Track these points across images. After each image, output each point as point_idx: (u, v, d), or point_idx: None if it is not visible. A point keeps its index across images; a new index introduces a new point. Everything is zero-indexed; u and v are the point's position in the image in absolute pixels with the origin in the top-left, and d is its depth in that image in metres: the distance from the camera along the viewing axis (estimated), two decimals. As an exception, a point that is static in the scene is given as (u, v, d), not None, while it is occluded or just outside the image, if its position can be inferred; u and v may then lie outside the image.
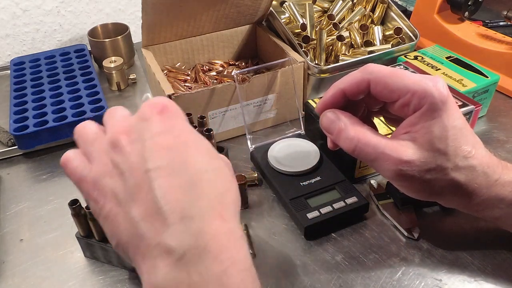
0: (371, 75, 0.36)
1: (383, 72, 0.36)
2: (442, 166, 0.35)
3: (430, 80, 0.35)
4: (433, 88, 0.34)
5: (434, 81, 0.35)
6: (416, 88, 0.35)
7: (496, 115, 0.67)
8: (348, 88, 0.38)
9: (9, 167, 0.63)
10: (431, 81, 0.35)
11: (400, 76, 0.36)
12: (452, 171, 0.35)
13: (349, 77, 0.38)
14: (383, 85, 0.36)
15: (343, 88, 0.38)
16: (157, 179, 0.27)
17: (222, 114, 0.62)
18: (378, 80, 0.36)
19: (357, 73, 0.37)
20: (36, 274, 0.47)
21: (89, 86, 0.73)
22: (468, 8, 0.79)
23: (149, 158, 0.27)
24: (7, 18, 0.89)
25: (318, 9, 0.78)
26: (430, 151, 0.35)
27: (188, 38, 0.72)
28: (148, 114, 0.29)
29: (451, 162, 0.35)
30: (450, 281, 0.43)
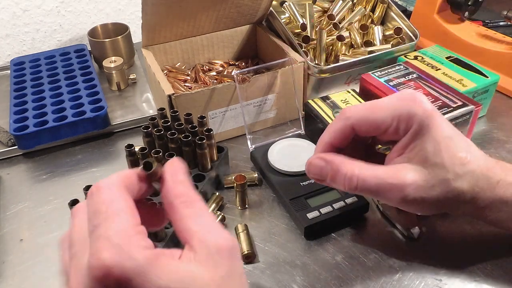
0: (350, 120, 0.37)
1: (361, 112, 0.36)
2: (443, 178, 0.35)
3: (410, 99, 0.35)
4: (416, 107, 0.35)
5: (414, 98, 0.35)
6: (399, 113, 0.35)
7: (496, 115, 0.67)
8: (335, 140, 0.38)
9: (9, 167, 0.63)
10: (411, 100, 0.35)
11: (379, 108, 0.36)
12: (454, 181, 0.36)
13: (331, 128, 0.38)
14: (367, 124, 0.36)
15: (329, 141, 0.38)
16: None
17: (222, 114, 0.62)
18: (359, 122, 0.36)
19: (337, 123, 0.38)
20: (36, 274, 0.47)
21: (89, 86, 0.73)
22: (468, 8, 0.79)
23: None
24: (7, 18, 0.89)
25: (318, 9, 0.78)
26: (429, 167, 0.35)
27: (188, 38, 0.72)
28: None
29: (450, 173, 0.35)
30: (450, 281, 0.43)
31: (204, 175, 0.52)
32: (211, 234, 0.26)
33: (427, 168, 0.35)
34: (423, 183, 0.35)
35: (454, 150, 0.36)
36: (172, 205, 0.27)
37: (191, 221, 0.26)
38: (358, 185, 0.36)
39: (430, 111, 0.35)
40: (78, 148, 0.65)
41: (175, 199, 0.27)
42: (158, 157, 0.49)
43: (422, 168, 0.35)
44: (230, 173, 0.57)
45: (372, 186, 0.35)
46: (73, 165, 0.62)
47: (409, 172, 0.35)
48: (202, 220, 0.26)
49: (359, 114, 0.36)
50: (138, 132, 0.68)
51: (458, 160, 0.36)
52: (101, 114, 0.65)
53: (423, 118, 0.35)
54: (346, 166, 0.36)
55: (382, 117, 0.36)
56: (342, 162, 0.36)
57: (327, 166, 0.37)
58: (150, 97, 0.75)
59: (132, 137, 0.67)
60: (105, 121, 0.66)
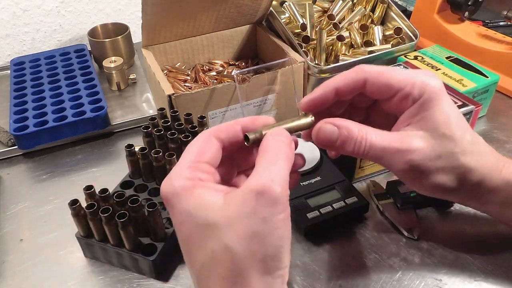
0: (365, 73, 0.36)
1: (378, 70, 0.36)
2: (451, 151, 0.35)
3: (425, 73, 0.36)
4: (430, 80, 0.35)
5: (429, 74, 0.36)
6: (414, 80, 0.35)
7: (496, 115, 0.67)
8: (343, 87, 0.37)
9: (9, 167, 0.63)
10: (426, 74, 0.36)
11: (395, 71, 0.36)
12: (461, 156, 0.35)
13: (342, 76, 0.37)
14: (382, 82, 0.36)
15: (336, 86, 0.37)
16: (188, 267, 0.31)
17: (222, 114, 0.62)
18: (375, 78, 0.36)
19: (350, 73, 0.37)
20: (36, 274, 0.47)
21: (89, 86, 0.73)
22: (468, 8, 0.79)
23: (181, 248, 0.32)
24: (7, 18, 0.89)
25: (318, 9, 0.78)
26: (437, 137, 0.35)
27: (188, 38, 0.72)
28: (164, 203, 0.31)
29: (458, 146, 0.35)
30: (450, 281, 0.43)
31: (204, 175, 0.52)
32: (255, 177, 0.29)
33: (435, 138, 0.35)
34: (429, 152, 0.35)
35: (463, 127, 0.36)
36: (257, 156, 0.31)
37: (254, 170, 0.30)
38: (366, 149, 0.35)
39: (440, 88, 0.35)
40: (78, 148, 0.65)
41: (262, 148, 0.31)
42: (158, 157, 0.49)
43: (430, 137, 0.35)
44: (230, 173, 0.57)
45: (379, 150, 0.35)
46: (73, 165, 0.62)
47: (415, 138, 0.35)
48: (267, 166, 0.29)
49: (375, 70, 0.36)
50: (138, 132, 0.68)
51: (466, 137, 0.36)
52: (101, 114, 0.65)
53: (436, 90, 0.35)
54: (356, 130, 0.35)
55: (398, 78, 0.35)
56: (352, 126, 0.36)
57: (338, 131, 0.36)
58: (150, 97, 0.75)
59: (132, 137, 0.67)
60: (105, 121, 0.66)
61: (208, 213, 0.28)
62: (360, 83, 0.36)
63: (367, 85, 0.36)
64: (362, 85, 0.36)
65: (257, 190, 0.28)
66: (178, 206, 0.29)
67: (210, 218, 0.28)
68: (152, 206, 0.43)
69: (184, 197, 0.29)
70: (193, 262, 0.30)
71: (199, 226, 0.29)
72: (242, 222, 0.28)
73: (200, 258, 0.29)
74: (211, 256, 0.28)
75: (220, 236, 0.28)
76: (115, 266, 0.47)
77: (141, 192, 0.51)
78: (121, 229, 0.43)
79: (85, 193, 0.44)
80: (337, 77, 0.37)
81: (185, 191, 0.29)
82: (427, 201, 0.50)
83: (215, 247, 0.28)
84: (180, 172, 0.30)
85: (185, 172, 0.30)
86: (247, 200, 0.28)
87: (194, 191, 0.29)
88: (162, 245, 0.45)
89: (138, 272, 0.46)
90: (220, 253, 0.28)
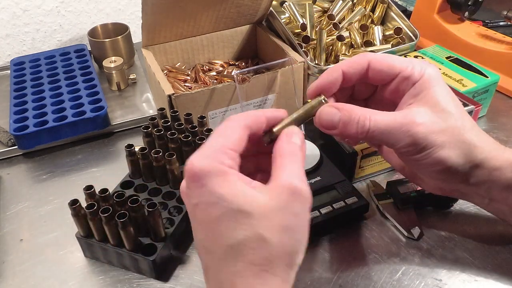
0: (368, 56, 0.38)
1: (381, 55, 0.38)
2: (454, 125, 0.36)
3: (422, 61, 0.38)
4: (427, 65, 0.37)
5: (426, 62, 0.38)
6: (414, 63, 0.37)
7: (496, 115, 0.67)
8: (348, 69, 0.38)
9: (9, 167, 0.63)
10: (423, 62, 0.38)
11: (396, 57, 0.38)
12: (464, 131, 0.36)
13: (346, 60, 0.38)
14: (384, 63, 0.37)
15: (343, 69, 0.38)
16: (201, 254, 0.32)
17: (222, 114, 0.62)
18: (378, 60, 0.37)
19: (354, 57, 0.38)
20: (36, 274, 0.47)
21: (89, 86, 0.73)
22: (468, 8, 0.79)
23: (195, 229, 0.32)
24: (7, 18, 0.89)
25: (318, 9, 0.78)
26: (439, 112, 0.36)
27: (188, 38, 0.72)
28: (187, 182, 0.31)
29: (459, 121, 0.36)
30: (450, 281, 0.43)
31: (204, 175, 0.52)
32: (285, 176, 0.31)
33: (437, 112, 0.36)
34: (433, 125, 0.35)
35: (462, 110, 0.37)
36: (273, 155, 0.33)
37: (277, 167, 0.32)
38: (370, 128, 0.36)
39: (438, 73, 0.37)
40: (78, 148, 0.65)
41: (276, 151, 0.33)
42: (158, 157, 0.49)
43: (432, 112, 0.36)
44: (230, 173, 0.57)
45: (383, 127, 0.36)
46: (73, 165, 0.62)
47: (419, 113, 0.36)
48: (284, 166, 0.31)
49: (378, 55, 0.38)
50: (138, 132, 0.68)
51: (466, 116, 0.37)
52: (101, 114, 0.65)
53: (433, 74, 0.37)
54: (357, 111, 0.36)
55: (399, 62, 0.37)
56: (354, 108, 0.37)
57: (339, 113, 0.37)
58: (150, 97, 0.75)
59: (132, 137, 0.67)
60: (105, 121, 0.66)
61: (242, 200, 0.29)
62: (364, 66, 0.38)
63: (370, 68, 0.38)
64: (366, 68, 0.38)
65: (292, 188, 0.30)
66: (210, 186, 0.30)
67: (244, 206, 0.29)
68: (152, 206, 0.43)
69: (217, 179, 0.30)
70: (218, 243, 0.30)
71: (233, 211, 0.29)
72: (277, 215, 0.30)
73: (227, 241, 0.30)
74: (242, 241, 0.29)
75: (253, 224, 0.29)
76: (115, 266, 0.47)
77: (141, 192, 0.51)
78: (121, 229, 0.43)
79: (85, 193, 0.44)
80: (342, 62, 0.39)
81: (218, 174, 0.30)
82: (427, 201, 0.50)
83: (248, 234, 0.29)
84: (214, 154, 0.30)
85: (219, 155, 0.30)
86: (281, 195, 0.30)
87: (227, 177, 0.30)
88: (162, 245, 0.45)
89: (138, 272, 0.46)
90: (253, 241, 0.29)
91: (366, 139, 0.37)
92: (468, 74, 0.62)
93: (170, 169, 0.49)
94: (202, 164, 0.30)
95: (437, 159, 0.36)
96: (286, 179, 0.30)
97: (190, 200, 0.31)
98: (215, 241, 0.30)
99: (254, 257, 0.29)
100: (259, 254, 0.29)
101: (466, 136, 0.36)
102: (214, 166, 0.30)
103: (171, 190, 0.51)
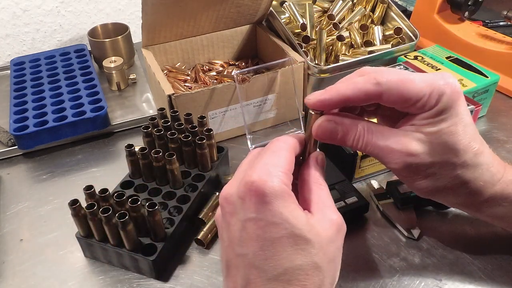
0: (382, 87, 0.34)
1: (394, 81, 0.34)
2: (449, 161, 0.35)
3: (442, 78, 0.34)
4: (446, 87, 0.34)
5: (446, 78, 0.34)
6: (430, 90, 0.34)
7: (496, 115, 0.67)
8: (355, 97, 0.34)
9: (9, 167, 0.63)
10: (443, 79, 0.34)
11: (412, 81, 0.34)
12: (459, 167, 0.35)
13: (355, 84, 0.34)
14: (398, 96, 0.34)
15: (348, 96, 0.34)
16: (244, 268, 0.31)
17: (222, 114, 0.62)
18: (391, 91, 0.34)
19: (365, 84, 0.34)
20: (36, 274, 0.47)
21: (89, 86, 0.73)
22: (468, 8, 0.79)
23: (242, 242, 0.31)
24: (7, 18, 0.89)
25: (318, 9, 0.78)
26: (438, 144, 0.34)
27: (188, 38, 0.72)
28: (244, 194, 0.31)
29: (458, 157, 0.35)
30: (450, 281, 0.43)
31: (204, 175, 0.52)
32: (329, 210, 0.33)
33: (436, 144, 0.34)
34: (427, 157, 0.35)
35: (470, 138, 0.35)
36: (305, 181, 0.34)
37: (316, 196, 0.33)
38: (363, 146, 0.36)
39: (458, 93, 0.34)
40: (78, 148, 0.65)
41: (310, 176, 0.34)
42: (158, 157, 0.49)
43: (431, 144, 0.34)
44: (230, 173, 0.57)
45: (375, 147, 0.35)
46: (73, 165, 0.62)
47: (415, 141, 0.35)
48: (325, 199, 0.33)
49: (392, 83, 0.34)
50: (138, 132, 0.68)
51: (470, 149, 0.35)
52: (101, 114, 0.65)
53: (451, 99, 0.34)
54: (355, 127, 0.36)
55: (414, 91, 0.34)
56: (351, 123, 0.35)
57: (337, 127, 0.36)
58: (150, 97, 0.75)
59: (132, 137, 0.67)
60: (105, 121, 0.66)
61: (304, 227, 0.30)
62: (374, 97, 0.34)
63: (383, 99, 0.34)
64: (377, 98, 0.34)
65: (338, 224, 0.32)
66: (275, 206, 0.30)
67: (306, 233, 0.30)
68: (152, 206, 0.43)
69: (283, 201, 0.30)
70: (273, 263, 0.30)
71: (294, 235, 0.30)
72: (329, 247, 0.31)
73: (284, 263, 0.30)
74: (299, 267, 0.30)
75: (312, 252, 0.30)
76: (115, 266, 0.47)
77: (141, 192, 0.51)
78: (121, 229, 0.42)
79: (85, 193, 0.44)
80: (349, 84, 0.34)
81: (284, 196, 0.30)
82: (427, 201, 0.50)
83: (306, 261, 0.30)
84: (278, 174, 0.31)
85: (282, 176, 0.31)
86: (331, 228, 0.32)
87: (290, 199, 0.31)
88: (162, 245, 0.45)
89: (138, 272, 0.46)
90: (309, 268, 0.30)
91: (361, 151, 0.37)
92: (468, 74, 0.62)
93: (170, 169, 0.49)
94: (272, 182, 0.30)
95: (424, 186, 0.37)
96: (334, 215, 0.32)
97: (243, 213, 0.31)
98: (269, 260, 0.30)
99: (307, 283, 0.30)
100: (313, 281, 0.30)
101: (459, 172, 0.35)
102: (281, 187, 0.30)
103: (171, 190, 0.51)
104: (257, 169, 0.31)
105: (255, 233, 0.30)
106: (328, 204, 0.33)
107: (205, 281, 0.45)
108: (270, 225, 0.30)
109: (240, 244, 0.31)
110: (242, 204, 0.31)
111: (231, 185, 0.33)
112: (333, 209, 0.33)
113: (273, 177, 0.30)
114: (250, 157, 0.35)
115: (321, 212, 0.32)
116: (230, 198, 0.32)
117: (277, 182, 0.30)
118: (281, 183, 0.30)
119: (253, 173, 0.31)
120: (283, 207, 0.30)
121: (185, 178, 0.52)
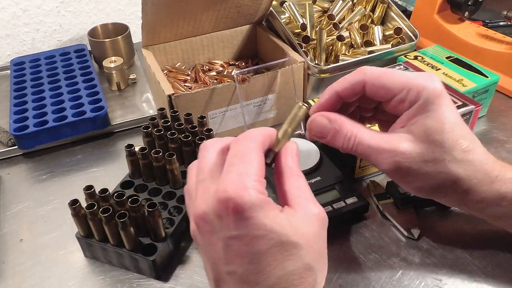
0: (366, 76, 0.37)
1: (377, 73, 0.37)
2: (439, 158, 0.35)
3: (424, 76, 0.36)
4: (428, 83, 0.35)
5: (429, 77, 0.36)
6: (412, 83, 0.35)
7: (496, 115, 0.67)
8: (343, 90, 0.38)
9: (9, 167, 0.63)
10: (425, 78, 0.36)
11: (394, 74, 0.36)
12: (450, 164, 0.36)
13: (343, 80, 0.38)
14: (379, 85, 0.36)
15: (338, 90, 0.38)
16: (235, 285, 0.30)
17: (222, 114, 0.62)
18: (373, 81, 0.37)
19: (351, 76, 0.38)
20: (36, 274, 0.47)
21: (89, 86, 0.73)
22: (468, 8, 0.79)
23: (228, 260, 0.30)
24: (7, 18, 0.89)
25: (318, 9, 0.78)
26: (426, 142, 0.35)
27: (188, 38, 0.72)
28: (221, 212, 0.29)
29: (448, 154, 0.35)
30: (450, 281, 0.43)
31: (204, 175, 0.52)
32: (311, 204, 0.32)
33: (424, 142, 0.35)
34: (417, 156, 0.35)
35: (457, 135, 0.35)
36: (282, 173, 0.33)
37: (295, 188, 0.32)
38: (354, 146, 0.36)
39: (440, 91, 0.35)
40: (78, 148, 0.65)
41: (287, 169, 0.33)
42: (158, 157, 0.49)
43: (419, 141, 0.35)
44: (230, 173, 0.57)
45: (366, 148, 0.36)
46: (73, 165, 0.62)
47: (404, 141, 0.36)
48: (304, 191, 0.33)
49: (375, 74, 0.37)
50: (138, 132, 0.68)
51: (459, 145, 0.36)
52: (101, 114, 0.65)
53: (432, 95, 0.35)
54: (347, 126, 0.37)
55: (395, 83, 0.36)
56: (344, 122, 0.37)
57: (330, 124, 0.37)
58: (150, 97, 0.75)
59: (132, 137, 0.67)
60: (105, 121, 0.66)
61: (290, 232, 0.29)
62: (359, 86, 0.37)
63: (366, 88, 0.37)
64: (362, 88, 0.37)
65: (321, 218, 0.32)
66: (257, 219, 0.28)
67: (293, 238, 0.29)
68: (152, 206, 0.43)
69: (263, 212, 0.29)
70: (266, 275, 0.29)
71: (282, 243, 0.29)
72: (315, 243, 0.31)
73: (276, 273, 0.29)
74: (292, 272, 0.30)
75: (301, 255, 0.30)
76: (115, 266, 0.47)
77: (141, 192, 0.51)
78: (121, 229, 0.43)
79: (85, 193, 0.44)
80: (339, 80, 0.38)
81: (262, 206, 0.29)
82: (427, 201, 0.50)
83: (297, 265, 0.30)
84: (253, 184, 0.29)
85: (257, 185, 0.29)
86: (315, 224, 0.31)
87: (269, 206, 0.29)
88: (162, 245, 0.45)
89: (138, 272, 0.46)
90: (302, 271, 0.30)
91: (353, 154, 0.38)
92: (468, 74, 0.62)
93: (170, 169, 0.49)
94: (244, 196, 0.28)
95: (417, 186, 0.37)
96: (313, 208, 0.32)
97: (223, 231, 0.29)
98: (261, 273, 0.29)
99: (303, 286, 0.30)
100: (307, 281, 0.30)
101: (450, 168, 0.36)
102: (259, 198, 0.29)
103: (171, 190, 0.51)
104: (230, 182, 0.29)
105: (241, 250, 0.29)
106: (308, 197, 0.32)
107: (205, 281, 0.45)
108: (255, 238, 0.29)
109: (226, 262, 0.30)
110: (221, 222, 0.29)
111: (204, 200, 0.30)
112: (313, 201, 0.32)
113: (249, 189, 0.28)
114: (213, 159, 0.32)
115: (303, 207, 0.31)
116: (206, 217, 0.30)
117: (254, 194, 0.28)
118: (258, 193, 0.29)
119: (226, 187, 0.28)
120: (265, 218, 0.29)
121: (185, 178, 0.52)
